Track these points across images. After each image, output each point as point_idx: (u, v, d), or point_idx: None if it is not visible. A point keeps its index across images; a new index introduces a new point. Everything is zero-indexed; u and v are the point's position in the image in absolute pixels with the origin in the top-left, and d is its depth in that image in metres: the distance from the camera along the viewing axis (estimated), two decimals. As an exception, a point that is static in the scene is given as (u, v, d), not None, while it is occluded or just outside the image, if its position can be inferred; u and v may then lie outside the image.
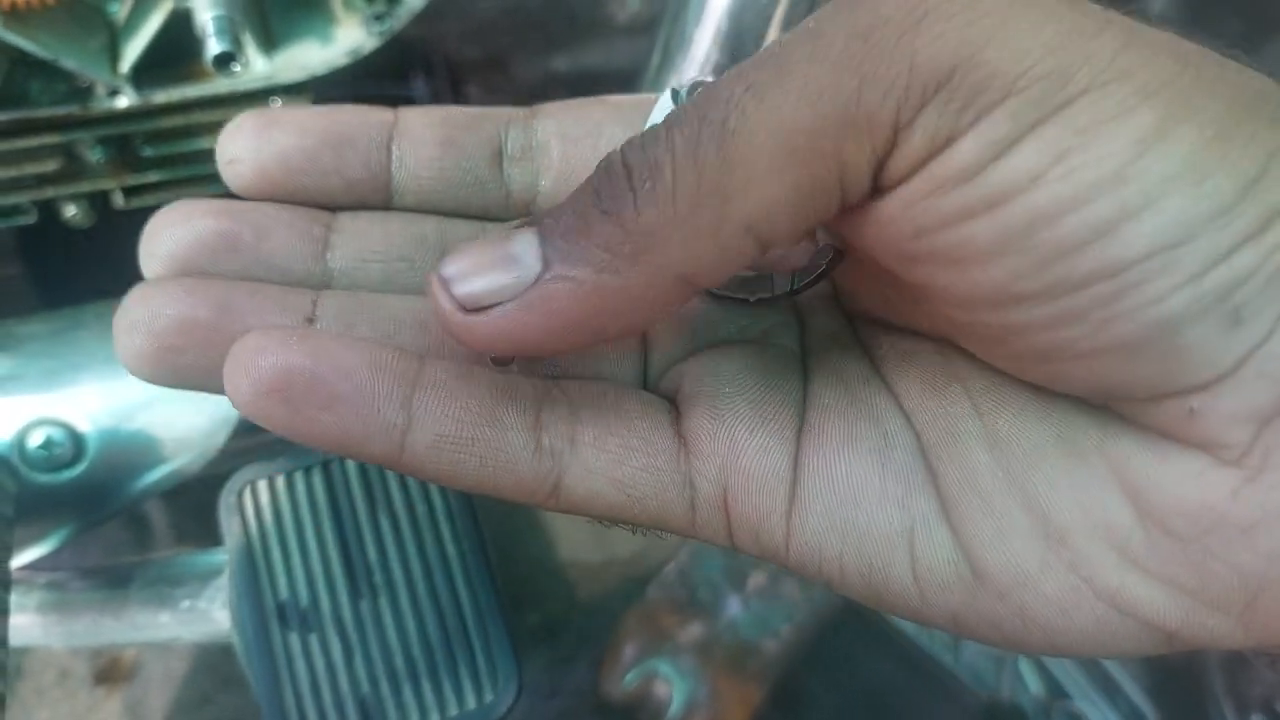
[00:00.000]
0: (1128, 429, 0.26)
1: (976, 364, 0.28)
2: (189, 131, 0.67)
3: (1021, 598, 0.26)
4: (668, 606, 0.83)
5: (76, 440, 0.52)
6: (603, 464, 0.27)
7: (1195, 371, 0.24)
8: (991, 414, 0.27)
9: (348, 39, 0.65)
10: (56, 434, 0.51)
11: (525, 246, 0.23)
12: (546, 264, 0.23)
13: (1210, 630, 0.25)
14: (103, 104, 0.62)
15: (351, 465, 0.57)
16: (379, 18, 0.62)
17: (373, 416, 0.25)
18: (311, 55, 0.65)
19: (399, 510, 0.57)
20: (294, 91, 0.66)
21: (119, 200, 0.69)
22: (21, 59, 0.60)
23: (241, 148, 0.30)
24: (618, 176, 0.22)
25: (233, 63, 0.47)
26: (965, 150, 0.23)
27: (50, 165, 0.65)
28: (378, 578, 0.53)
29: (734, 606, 0.82)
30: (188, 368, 0.27)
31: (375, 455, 0.26)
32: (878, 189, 0.24)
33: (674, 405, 0.29)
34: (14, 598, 0.58)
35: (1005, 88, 0.23)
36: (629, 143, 0.23)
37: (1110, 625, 0.26)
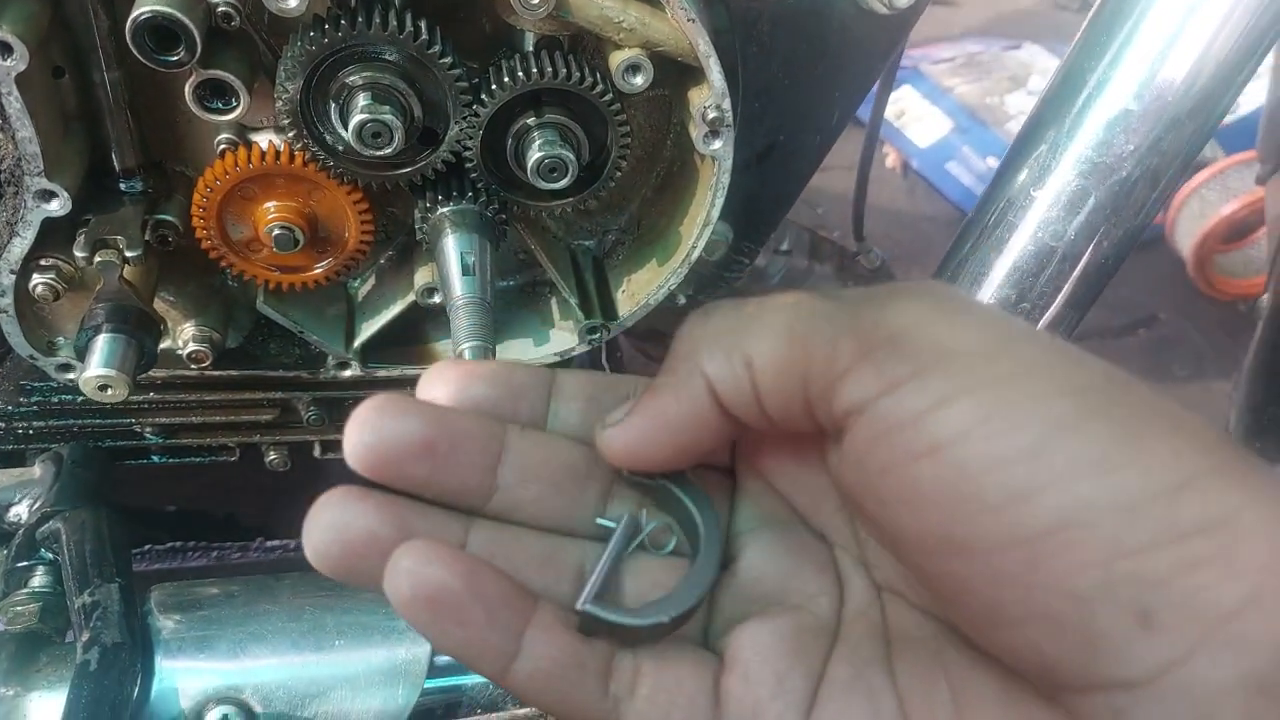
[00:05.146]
0: None
1: (965, 657, 0.32)
2: (397, 402, 0.70)
3: None
4: None
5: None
6: (651, 716, 0.33)
7: (1114, 665, 0.26)
8: (967, 709, 0.31)
9: (560, 342, 0.68)
10: (232, 713, 0.52)
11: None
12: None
13: None
14: (330, 373, 0.66)
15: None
16: (593, 330, 0.66)
17: (493, 640, 0.31)
18: (525, 351, 0.68)
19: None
20: (501, 381, 0.69)
21: (317, 451, 0.72)
22: (266, 321, 0.65)
23: (441, 392, 0.36)
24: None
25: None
26: (907, 399, 0.29)
27: (265, 416, 0.69)
28: None
29: None
30: (362, 571, 0.32)
31: (485, 671, 0.32)
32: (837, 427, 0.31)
33: (722, 661, 0.35)
34: None
35: (941, 354, 0.29)
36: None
37: None
